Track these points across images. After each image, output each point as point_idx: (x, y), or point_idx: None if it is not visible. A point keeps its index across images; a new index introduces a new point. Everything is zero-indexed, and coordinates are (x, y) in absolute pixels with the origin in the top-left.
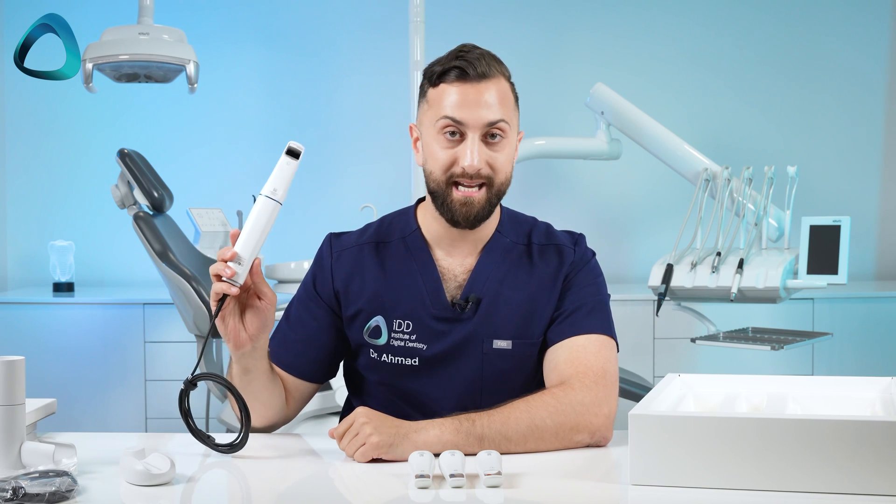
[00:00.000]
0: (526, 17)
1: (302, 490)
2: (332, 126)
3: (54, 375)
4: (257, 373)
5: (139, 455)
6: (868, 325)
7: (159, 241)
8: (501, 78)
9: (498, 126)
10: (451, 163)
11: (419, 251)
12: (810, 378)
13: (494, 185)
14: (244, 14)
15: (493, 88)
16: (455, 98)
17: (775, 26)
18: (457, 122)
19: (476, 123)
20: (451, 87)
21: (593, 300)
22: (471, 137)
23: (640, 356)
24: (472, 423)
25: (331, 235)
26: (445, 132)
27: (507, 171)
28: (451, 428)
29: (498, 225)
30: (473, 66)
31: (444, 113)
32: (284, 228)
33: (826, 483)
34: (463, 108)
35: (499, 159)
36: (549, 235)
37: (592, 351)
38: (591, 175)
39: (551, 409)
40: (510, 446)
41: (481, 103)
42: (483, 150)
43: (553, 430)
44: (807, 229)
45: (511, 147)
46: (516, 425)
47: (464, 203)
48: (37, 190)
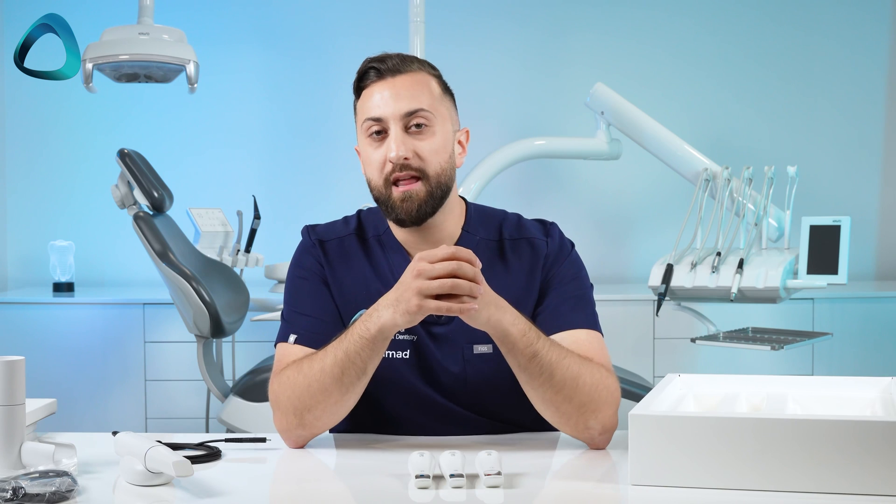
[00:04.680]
0: (526, 17)
1: (302, 490)
2: (332, 126)
3: (54, 375)
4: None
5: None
6: (868, 325)
7: (159, 241)
8: (421, 72)
9: (418, 115)
10: (383, 161)
11: (394, 251)
12: (810, 378)
13: (430, 176)
14: (244, 14)
15: (408, 81)
16: (373, 98)
17: (775, 26)
18: (376, 119)
19: (394, 115)
20: (370, 89)
21: (578, 294)
22: (392, 130)
23: (640, 356)
24: (538, 337)
25: (307, 227)
26: (371, 134)
27: (442, 163)
28: (523, 326)
29: (465, 224)
30: (385, 63)
31: (366, 115)
32: (284, 229)
33: (826, 483)
34: (380, 105)
35: (425, 149)
36: (520, 228)
37: (596, 346)
38: (591, 175)
39: (595, 379)
40: (546, 382)
41: (397, 96)
42: (407, 141)
43: (584, 399)
44: (807, 229)
45: (441, 138)
46: (566, 370)
47: (403, 199)
48: (37, 190)
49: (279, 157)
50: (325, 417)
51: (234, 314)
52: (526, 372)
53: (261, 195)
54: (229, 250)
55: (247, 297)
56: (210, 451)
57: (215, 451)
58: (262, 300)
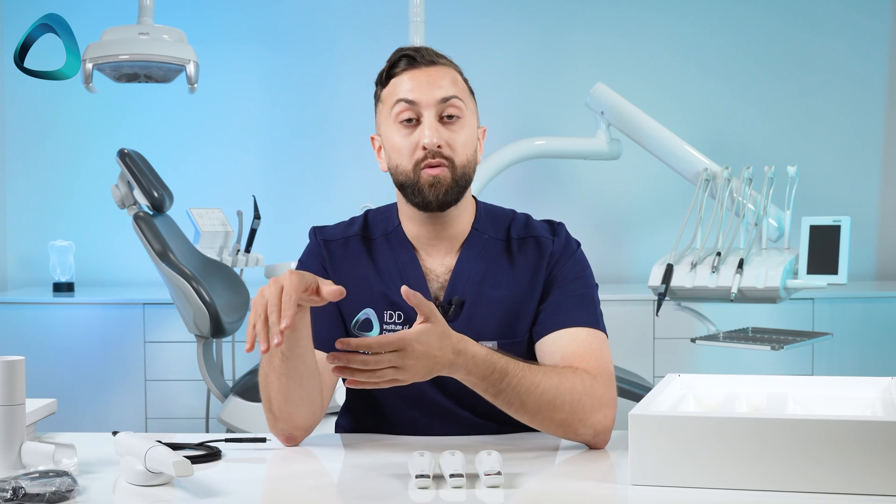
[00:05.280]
0: (526, 17)
1: (301, 490)
2: (332, 126)
3: (54, 375)
4: (301, 352)
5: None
6: (868, 325)
7: (159, 241)
8: (451, 68)
9: (452, 104)
10: (414, 147)
11: (402, 248)
12: (810, 378)
13: (457, 166)
14: (244, 14)
15: (442, 72)
16: (407, 84)
17: (775, 26)
18: (410, 102)
19: (429, 101)
20: (402, 76)
21: (581, 293)
22: (426, 116)
23: (640, 356)
24: (503, 376)
25: (314, 228)
26: (402, 119)
27: (469, 155)
28: (483, 370)
29: (474, 221)
30: (420, 54)
31: (399, 97)
32: (284, 229)
33: (826, 483)
34: (415, 90)
35: (457, 140)
36: (528, 227)
37: (595, 346)
38: (591, 175)
39: (577, 392)
40: (519, 410)
41: (432, 84)
42: (441, 130)
43: (566, 415)
44: (807, 229)
45: (470, 131)
46: (539, 397)
47: (432, 184)
48: (37, 190)
49: (279, 157)
50: (297, 410)
51: (234, 314)
52: (497, 401)
53: (261, 195)
54: (229, 250)
55: (247, 297)
56: (210, 451)
57: (215, 451)
58: None
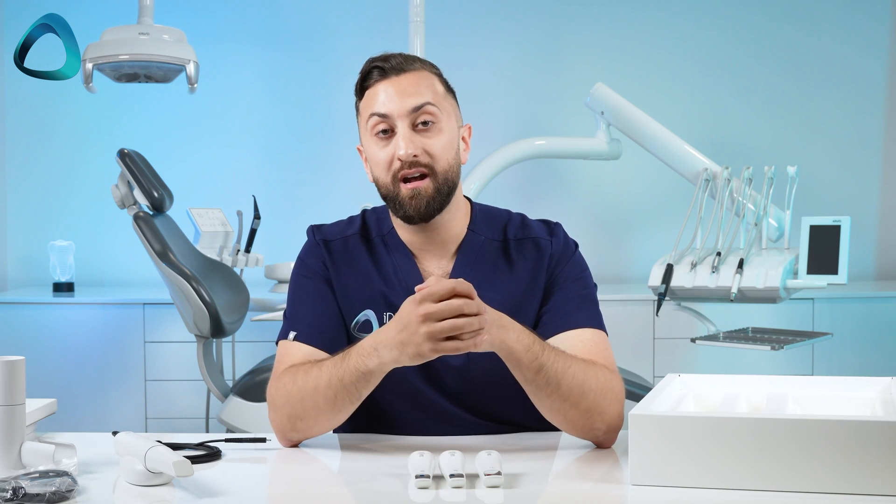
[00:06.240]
0: (526, 17)
1: (301, 490)
2: (332, 126)
3: (54, 375)
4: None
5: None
6: (868, 325)
7: (159, 241)
8: (424, 71)
9: (424, 111)
10: (391, 159)
11: (398, 252)
12: (810, 378)
13: (438, 173)
14: (244, 14)
15: (413, 79)
16: (378, 96)
17: (775, 26)
18: (382, 115)
19: (401, 112)
20: (374, 88)
21: (582, 294)
22: (400, 127)
23: (640, 356)
24: (542, 349)
25: (312, 227)
26: (377, 132)
27: (450, 160)
28: (527, 340)
29: (470, 223)
30: (389, 62)
31: (371, 111)
32: (284, 228)
33: (826, 483)
34: (386, 102)
35: (434, 146)
36: (525, 228)
37: (601, 345)
38: (591, 175)
39: (600, 383)
40: (553, 392)
41: (403, 93)
42: (415, 138)
43: (590, 404)
44: (807, 229)
45: (448, 135)
46: (572, 379)
47: (412, 196)
48: (37, 190)
49: (279, 157)
50: (318, 427)
51: (234, 314)
52: (532, 384)
53: (261, 195)
54: (229, 250)
55: (247, 297)
56: (210, 451)
57: (215, 451)
58: (262, 300)
